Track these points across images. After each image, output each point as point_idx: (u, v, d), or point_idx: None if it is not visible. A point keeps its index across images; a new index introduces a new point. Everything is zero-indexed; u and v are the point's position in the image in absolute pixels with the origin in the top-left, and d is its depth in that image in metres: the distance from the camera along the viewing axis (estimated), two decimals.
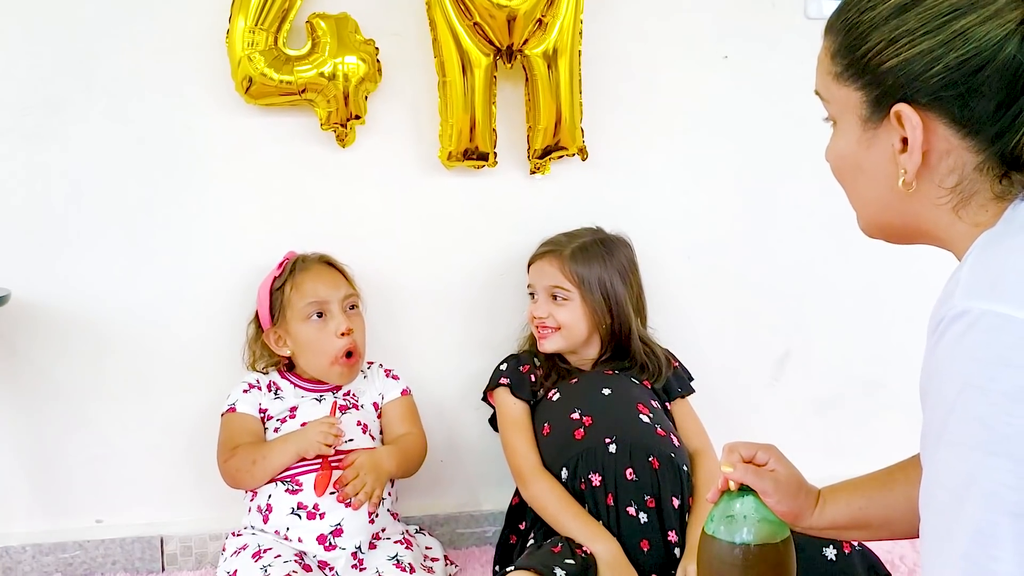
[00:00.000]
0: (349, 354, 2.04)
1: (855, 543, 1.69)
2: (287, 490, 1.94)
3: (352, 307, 2.09)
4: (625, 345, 2.13)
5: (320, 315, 2.03)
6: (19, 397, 2.14)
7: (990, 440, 0.89)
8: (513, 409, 2.11)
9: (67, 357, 2.14)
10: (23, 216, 2.09)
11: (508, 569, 1.78)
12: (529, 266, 2.18)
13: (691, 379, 2.22)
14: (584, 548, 1.83)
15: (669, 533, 1.88)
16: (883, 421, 2.44)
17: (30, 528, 2.16)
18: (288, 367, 2.13)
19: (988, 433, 0.89)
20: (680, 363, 2.22)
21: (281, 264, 2.08)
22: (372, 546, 1.94)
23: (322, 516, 1.91)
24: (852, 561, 1.68)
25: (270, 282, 2.07)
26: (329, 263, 2.10)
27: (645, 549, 1.87)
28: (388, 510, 2.01)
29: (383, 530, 1.97)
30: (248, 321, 2.14)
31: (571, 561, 1.77)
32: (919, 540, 0.98)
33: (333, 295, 2.04)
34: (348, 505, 1.89)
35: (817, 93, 1.15)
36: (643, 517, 1.87)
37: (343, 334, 2.02)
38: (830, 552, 1.67)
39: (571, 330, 2.10)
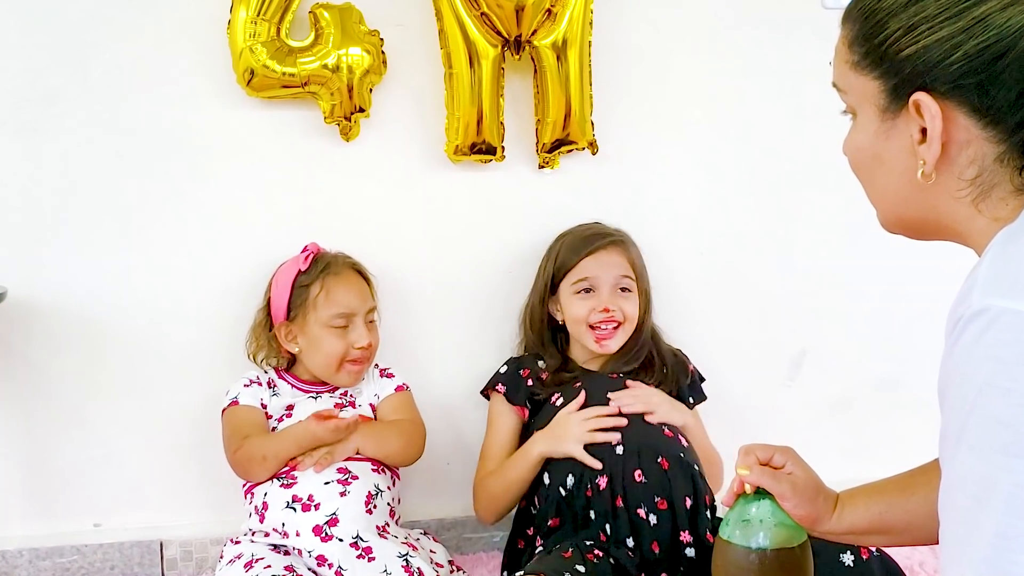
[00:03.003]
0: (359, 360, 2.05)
1: (873, 549, 1.65)
2: (282, 484, 1.91)
3: (371, 320, 2.08)
4: (638, 339, 2.10)
5: (343, 325, 2.02)
6: (15, 397, 2.11)
7: (1011, 442, 0.87)
8: (498, 420, 2.12)
9: (64, 356, 2.11)
10: (18, 211, 2.07)
11: (517, 574, 1.76)
12: (578, 260, 2.09)
13: (703, 380, 2.18)
14: (595, 552, 1.80)
15: (682, 533, 1.84)
16: (901, 422, 2.40)
17: (26, 532, 2.14)
18: (288, 364, 2.11)
19: (1009, 434, 0.88)
20: (696, 369, 2.18)
21: (307, 258, 2.05)
22: (383, 536, 1.90)
23: (317, 507, 1.87)
24: (870, 567, 1.66)
25: (293, 275, 2.04)
26: (358, 270, 2.10)
27: (656, 551, 1.83)
28: (388, 504, 1.97)
29: (386, 525, 1.94)
30: (257, 307, 2.10)
31: (581, 568, 1.74)
32: (939, 545, 0.97)
33: (360, 308, 2.04)
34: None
35: (835, 85, 1.14)
36: (652, 519, 1.83)
37: (361, 348, 2.02)
38: (848, 558, 1.65)
39: (632, 324, 2.09)
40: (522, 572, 1.75)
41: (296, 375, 2.09)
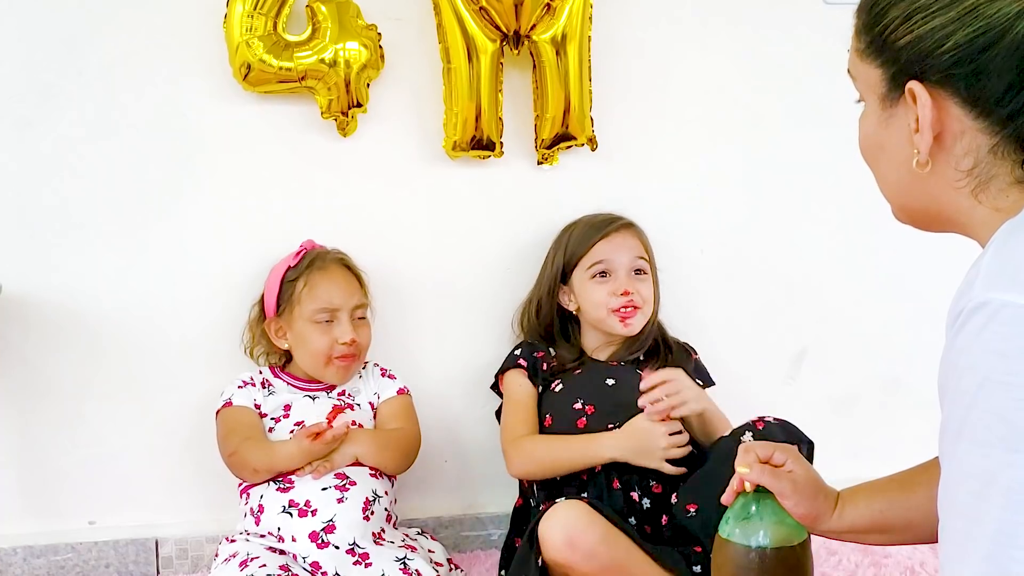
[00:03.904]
0: (346, 356, 2.03)
1: (770, 417, 1.81)
2: (278, 488, 1.90)
3: (361, 317, 2.06)
4: (648, 325, 2.10)
5: (328, 320, 2.01)
6: (10, 394, 2.09)
7: (1011, 436, 0.87)
8: (519, 391, 2.07)
9: (60, 353, 2.10)
10: (14, 207, 2.06)
11: (557, 500, 1.78)
12: (591, 245, 2.08)
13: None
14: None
15: (664, 517, 1.86)
16: (904, 420, 2.38)
17: (21, 530, 2.12)
18: (285, 360, 2.11)
19: (1009, 429, 0.87)
20: (699, 358, 2.18)
21: (299, 254, 2.04)
22: (378, 543, 1.88)
23: (314, 513, 1.86)
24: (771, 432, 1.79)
25: (283, 270, 2.04)
26: (347, 266, 2.08)
27: (648, 532, 1.85)
28: (386, 509, 1.96)
29: (382, 531, 1.93)
30: (253, 303, 2.10)
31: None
32: (939, 542, 0.96)
33: (345, 303, 2.02)
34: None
35: (848, 72, 1.15)
36: (646, 503, 1.85)
37: (345, 344, 2.00)
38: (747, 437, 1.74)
39: (650, 307, 2.09)
40: (564, 496, 1.79)
41: (292, 373, 2.08)
